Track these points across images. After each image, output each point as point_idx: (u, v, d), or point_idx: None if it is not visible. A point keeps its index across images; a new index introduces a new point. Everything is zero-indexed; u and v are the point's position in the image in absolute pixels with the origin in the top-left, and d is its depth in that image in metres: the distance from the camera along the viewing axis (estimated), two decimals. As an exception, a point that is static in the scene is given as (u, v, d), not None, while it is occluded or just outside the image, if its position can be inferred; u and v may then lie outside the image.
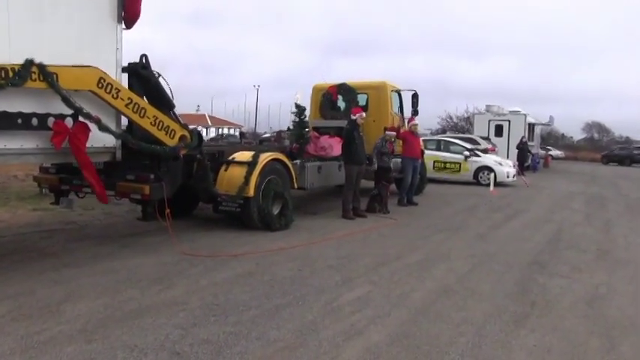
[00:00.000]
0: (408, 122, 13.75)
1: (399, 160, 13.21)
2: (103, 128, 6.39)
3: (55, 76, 5.85)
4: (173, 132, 7.52)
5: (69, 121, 6.12)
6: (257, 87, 78.26)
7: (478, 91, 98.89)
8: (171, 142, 7.47)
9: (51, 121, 5.98)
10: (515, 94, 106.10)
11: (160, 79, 7.63)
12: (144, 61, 7.53)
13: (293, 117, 11.63)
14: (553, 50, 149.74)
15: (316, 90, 14.24)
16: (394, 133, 12.40)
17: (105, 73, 6.41)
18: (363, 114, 11.19)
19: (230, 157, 9.13)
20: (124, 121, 7.05)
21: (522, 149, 26.90)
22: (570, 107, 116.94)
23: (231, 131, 73.65)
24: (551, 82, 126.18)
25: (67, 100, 5.94)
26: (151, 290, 5.67)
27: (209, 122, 74.97)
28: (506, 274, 6.87)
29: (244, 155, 9.16)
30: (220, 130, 73.52)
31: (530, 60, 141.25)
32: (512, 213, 12.77)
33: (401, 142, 13.29)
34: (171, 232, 7.55)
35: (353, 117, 11.16)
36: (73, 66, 6.09)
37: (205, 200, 9.48)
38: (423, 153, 14.20)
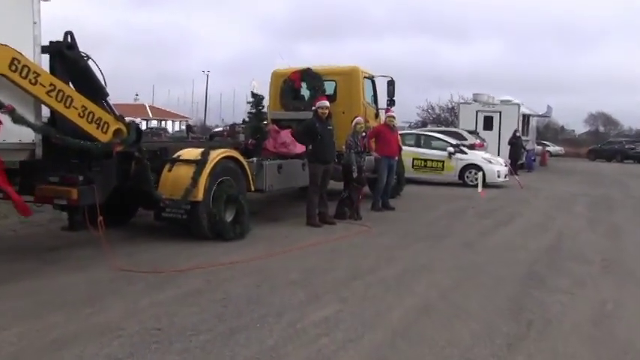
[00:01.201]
0: (385, 114, 13.89)
1: (372, 157, 13.34)
2: (17, 120, 6.26)
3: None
4: (106, 125, 7.44)
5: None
6: (207, 73, 77.46)
7: (464, 78, 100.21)
8: (103, 137, 7.39)
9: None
10: (507, 81, 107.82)
11: (90, 62, 7.53)
12: (69, 39, 7.39)
13: (249, 108, 11.75)
14: (548, 31, 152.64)
15: (276, 76, 14.26)
16: (362, 119, 12.53)
17: (19, 53, 6.28)
18: (325, 103, 11.20)
19: (175, 155, 9.14)
20: (46, 111, 6.94)
21: (515, 145, 27.47)
22: (571, 96, 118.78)
23: (175, 125, 73.14)
24: (548, 67, 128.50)
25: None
26: (80, 314, 5.57)
27: (149, 114, 74.24)
28: (497, 289, 6.96)
29: (192, 153, 9.18)
30: (163, 123, 72.96)
31: (521, 42, 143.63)
32: (504, 218, 13.01)
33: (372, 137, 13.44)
34: (105, 244, 7.45)
35: (314, 108, 11.29)
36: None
37: (145, 206, 9.46)
38: (400, 149, 14.34)
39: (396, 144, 13.63)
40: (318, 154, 10.98)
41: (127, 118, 8.16)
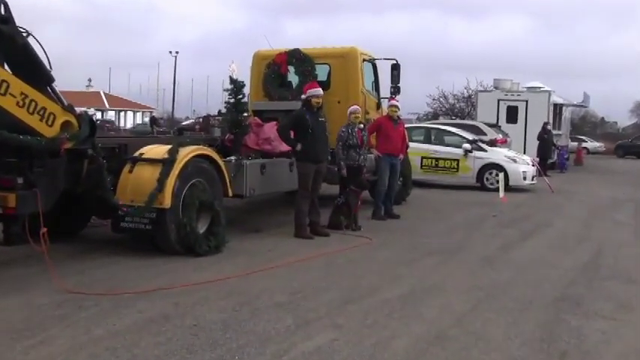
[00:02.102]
0: (388, 103, 13.92)
1: (372, 156, 13.43)
2: None
3: None
4: (52, 116, 7.41)
5: None
6: (174, 54, 77.17)
7: (482, 60, 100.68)
8: (48, 132, 7.36)
9: None
10: (535, 65, 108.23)
11: (31, 40, 7.47)
12: (3, 10, 7.29)
13: (226, 96, 11.69)
14: (586, 4, 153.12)
15: (259, 59, 14.32)
16: (358, 108, 12.59)
17: None
18: (318, 91, 11.16)
19: (137, 153, 9.13)
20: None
21: (545, 140, 27.45)
22: (613, 82, 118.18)
23: (136, 117, 73.15)
24: (586, 48, 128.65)
25: None
26: (16, 347, 5.47)
27: (106, 103, 74.32)
28: (524, 314, 6.94)
29: (157, 150, 9.18)
30: (122, 114, 73.03)
31: (552, 18, 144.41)
32: (532, 228, 13.05)
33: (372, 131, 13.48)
34: (49, 261, 7.34)
35: (303, 96, 11.28)
36: None
37: (101, 214, 9.48)
38: (406, 147, 14.38)
39: (401, 140, 13.62)
40: (309, 152, 10.96)
41: (78, 109, 8.12)
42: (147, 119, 61.76)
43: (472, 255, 10.08)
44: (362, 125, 12.65)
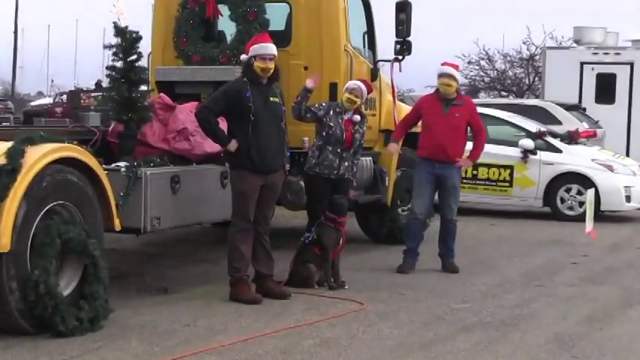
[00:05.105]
0: (391, 70, 14.36)
1: (369, 158, 13.85)
2: None
3: None
4: None
5: None
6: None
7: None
8: None
9: None
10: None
11: None
12: None
13: (111, 58, 11.70)
14: None
15: None
16: (363, 86, 12.53)
17: None
18: (268, 47, 11.10)
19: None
20: None
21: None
22: None
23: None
24: None
25: None
26: None
27: None
28: None
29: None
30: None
31: None
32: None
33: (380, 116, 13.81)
34: None
35: (243, 56, 11.24)
36: None
37: None
38: (477, 148, 13.91)
39: (456, 134, 13.28)
40: (251, 155, 10.85)
41: None
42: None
43: (537, 332, 9.82)
44: (358, 117, 12.49)
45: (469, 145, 13.58)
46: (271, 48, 11.04)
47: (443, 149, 13.08)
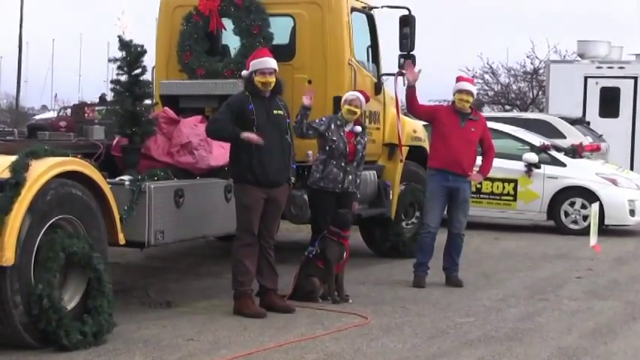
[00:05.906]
0: (395, 83, 14.11)
1: (373, 172, 13.71)
2: None
3: None
4: None
5: None
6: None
7: (558, 11, 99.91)
8: None
9: None
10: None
11: None
12: None
13: (115, 71, 11.51)
14: None
15: (171, 6, 14.33)
16: (360, 96, 12.44)
17: None
18: (268, 62, 11.07)
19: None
20: None
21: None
22: None
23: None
24: None
25: None
26: None
27: None
28: None
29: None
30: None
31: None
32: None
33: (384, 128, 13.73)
34: None
35: (245, 72, 11.18)
36: None
37: None
38: (486, 162, 13.81)
39: (470, 148, 13.30)
40: (254, 167, 10.79)
41: None
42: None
43: (541, 346, 9.78)
44: (359, 128, 12.42)
45: (477, 160, 13.51)
46: (271, 62, 11.05)
47: (458, 162, 13.10)
